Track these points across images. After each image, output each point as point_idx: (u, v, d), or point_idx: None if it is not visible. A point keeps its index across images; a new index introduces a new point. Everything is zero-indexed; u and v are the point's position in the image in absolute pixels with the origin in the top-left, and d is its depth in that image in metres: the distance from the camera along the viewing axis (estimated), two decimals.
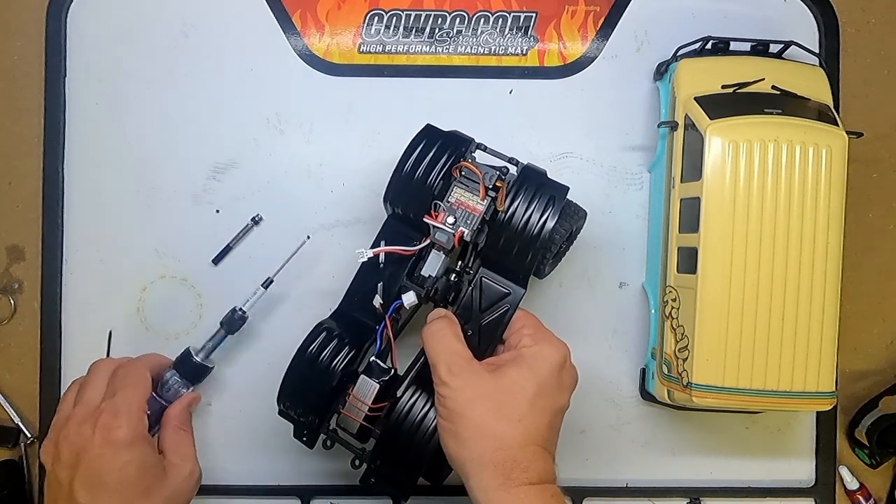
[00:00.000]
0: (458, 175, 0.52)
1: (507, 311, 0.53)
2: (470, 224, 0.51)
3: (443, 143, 0.52)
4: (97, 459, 0.48)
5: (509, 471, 0.45)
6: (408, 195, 0.52)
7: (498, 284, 0.53)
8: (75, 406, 0.51)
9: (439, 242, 0.51)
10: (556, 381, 0.49)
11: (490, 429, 0.46)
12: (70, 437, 0.49)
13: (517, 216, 0.51)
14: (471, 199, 0.51)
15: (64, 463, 0.49)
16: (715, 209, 0.51)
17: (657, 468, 0.63)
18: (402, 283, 0.52)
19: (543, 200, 0.51)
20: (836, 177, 0.51)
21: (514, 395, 0.47)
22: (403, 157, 0.52)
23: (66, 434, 0.49)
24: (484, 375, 0.48)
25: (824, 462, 0.63)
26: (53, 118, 0.61)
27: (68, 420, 0.50)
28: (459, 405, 0.47)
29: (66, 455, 0.49)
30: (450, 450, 0.48)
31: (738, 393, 0.52)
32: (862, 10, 0.65)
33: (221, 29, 0.62)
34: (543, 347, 0.50)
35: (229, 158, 0.62)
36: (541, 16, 0.62)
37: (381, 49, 0.62)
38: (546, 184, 0.52)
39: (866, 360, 0.65)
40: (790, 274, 0.51)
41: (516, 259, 0.52)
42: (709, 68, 0.56)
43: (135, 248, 0.61)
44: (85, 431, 0.49)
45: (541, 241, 0.51)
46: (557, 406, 0.49)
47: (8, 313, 0.63)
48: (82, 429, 0.49)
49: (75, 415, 0.50)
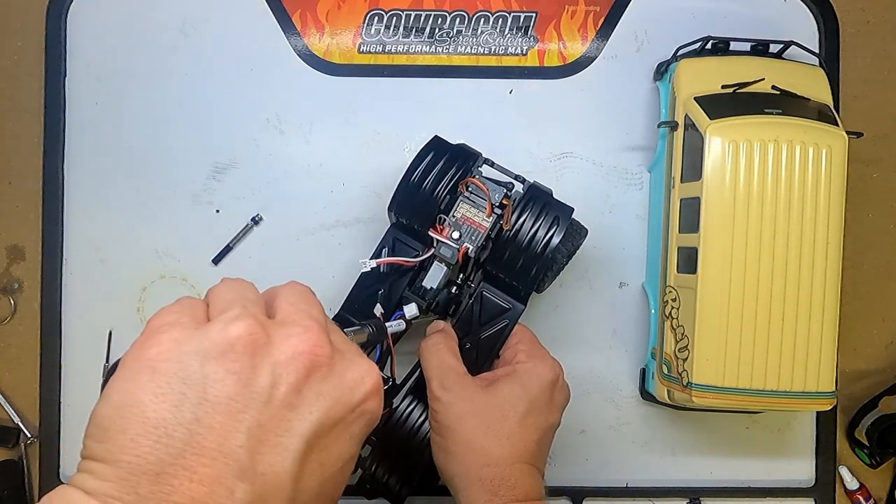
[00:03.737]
0: (464, 190, 0.52)
1: (506, 326, 0.53)
2: (475, 240, 0.51)
3: (450, 157, 0.53)
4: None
5: (496, 488, 0.46)
6: (413, 207, 0.52)
7: (498, 299, 0.54)
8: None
9: (443, 257, 0.51)
10: (548, 399, 0.50)
11: (478, 445, 0.47)
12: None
13: (523, 233, 0.51)
14: (476, 215, 0.51)
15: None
16: (715, 209, 0.51)
17: (657, 468, 0.63)
18: (404, 295, 0.52)
19: (549, 220, 0.51)
20: (836, 177, 0.51)
21: (503, 412, 0.48)
22: (411, 167, 0.53)
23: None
24: (476, 391, 0.49)
25: (824, 462, 0.63)
26: (53, 118, 0.61)
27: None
28: (450, 420, 0.48)
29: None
30: (440, 463, 0.49)
31: (738, 393, 0.52)
32: (862, 10, 0.65)
33: (221, 29, 0.62)
34: (537, 364, 0.50)
35: (229, 158, 0.62)
36: (541, 16, 0.62)
37: (381, 49, 0.62)
38: (552, 203, 0.52)
39: (866, 360, 0.65)
40: (790, 274, 0.51)
41: (519, 275, 0.52)
42: (709, 68, 0.56)
43: (135, 248, 0.61)
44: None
45: (544, 260, 0.51)
46: (547, 424, 0.50)
47: (8, 313, 0.63)
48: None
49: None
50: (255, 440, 0.29)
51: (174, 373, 0.29)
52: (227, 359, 0.30)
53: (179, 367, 0.29)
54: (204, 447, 0.28)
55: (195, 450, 0.28)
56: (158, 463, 0.27)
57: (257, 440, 0.29)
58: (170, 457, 0.28)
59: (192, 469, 0.28)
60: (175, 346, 0.30)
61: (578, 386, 0.62)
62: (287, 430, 0.30)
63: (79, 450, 0.30)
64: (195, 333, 0.30)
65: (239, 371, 0.29)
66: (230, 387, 0.29)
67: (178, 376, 0.29)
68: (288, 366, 0.31)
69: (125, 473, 0.27)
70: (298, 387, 0.31)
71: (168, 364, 0.29)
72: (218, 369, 0.29)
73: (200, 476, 0.28)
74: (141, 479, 0.27)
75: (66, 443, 0.61)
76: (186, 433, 0.28)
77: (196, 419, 0.28)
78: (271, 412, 0.30)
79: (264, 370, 0.30)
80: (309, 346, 0.31)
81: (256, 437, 0.29)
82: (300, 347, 0.31)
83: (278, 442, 0.30)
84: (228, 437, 0.29)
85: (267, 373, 0.30)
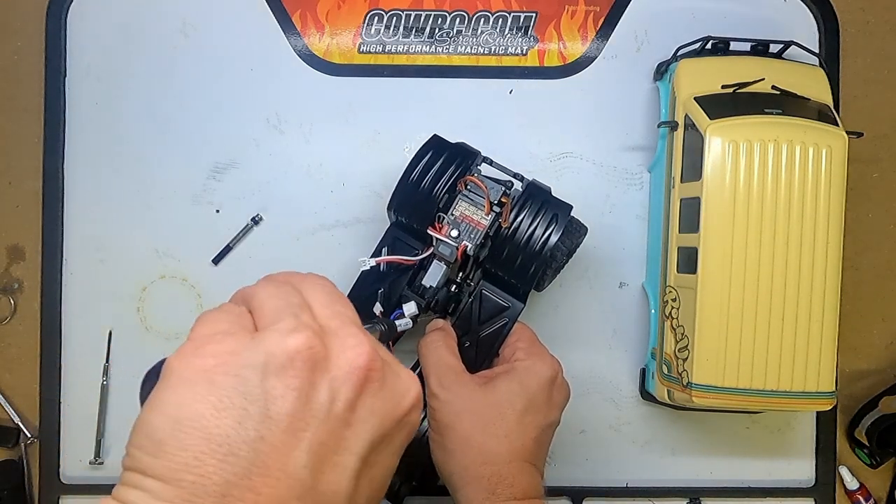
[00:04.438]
0: (463, 188, 0.52)
1: (505, 325, 0.53)
2: (473, 238, 0.51)
3: (449, 155, 0.53)
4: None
5: (494, 485, 0.46)
6: (412, 206, 0.53)
7: (498, 298, 0.54)
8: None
9: (442, 255, 0.51)
10: (546, 397, 0.50)
11: (476, 443, 0.47)
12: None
13: (521, 231, 0.51)
14: (475, 213, 0.51)
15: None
16: (715, 209, 0.51)
17: (657, 468, 0.63)
18: (404, 293, 0.52)
19: (548, 217, 0.51)
20: (836, 177, 0.51)
21: (502, 410, 0.48)
22: (410, 166, 0.53)
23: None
24: (474, 389, 0.49)
25: (824, 462, 0.63)
26: (53, 118, 0.61)
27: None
28: (448, 418, 0.48)
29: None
30: (438, 461, 0.49)
31: (738, 393, 0.52)
32: (862, 10, 0.65)
33: (221, 29, 0.62)
34: (535, 362, 0.50)
35: (229, 158, 0.62)
36: (541, 16, 0.62)
37: (381, 49, 0.62)
38: (551, 201, 0.53)
39: (866, 360, 0.65)
40: (790, 274, 0.51)
41: (518, 273, 0.52)
42: (709, 68, 0.56)
43: (135, 248, 0.61)
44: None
45: (543, 258, 0.51)
46: (546, 422, 0.50)
47: (8, 313, 0.63)
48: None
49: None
50: (316, 459, 0.28)
51: (233, 387, 0.28)
52: (286, 374, 0.28)
53: (238, 380, 0.28)
54: (269, 467, 0.27)
55: (260, 470, 0.27)
56: (224, 484, 0.26)
57: (319, 459, 0.28)
58: (235, 477, 0.26)
59: (258, 490, 0.27)
60: (232, 359, 0.28)
61: (578, 386, 0.62)
62: (345, 448, 0.29)
63: (80, 450, 0.29)
64: (251, 345, 0.29)
65: (299, 387, 0.28)
66: (291, 403, 0.28)
67: (238, 390, 0.28)
68: (345, 382, 0.29)
69: (188, 494, 0.26)
70: (353, 403, 0.29)
71: (226, 378, 0.28)
72: (277, 385, 0.28)
73: (266, 497, 0.27)
74: (206, 501, 0.26)
75: (66, 443, 0.60)
76: (251, 452, 0.27)
77: (260, 437, 0.27)
78: (329, 429, 0.29)
79: (323, 386, 0.29)
80: (365, 361, 0.30)
81: (318, 456, 0.28)
82: (357, 362, 0.30)
83: (337, 461, 0.29)
84: (291, 457, 0.27)
85: (325, 389, 0.29)
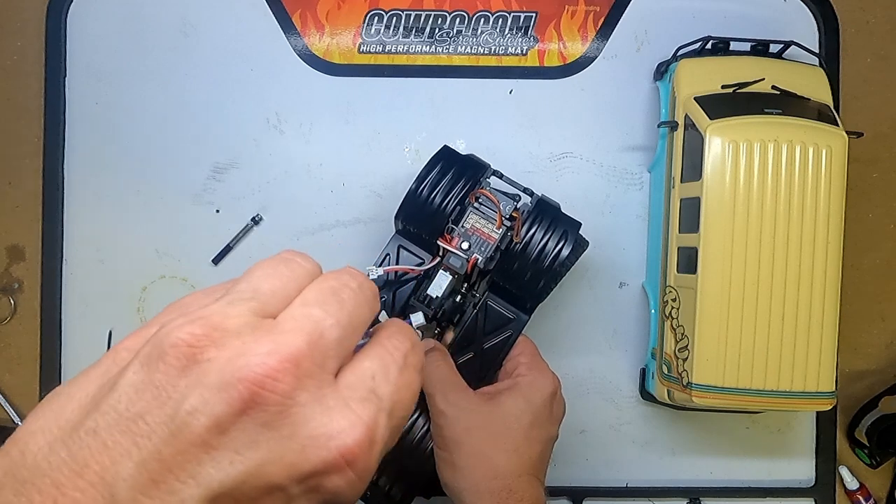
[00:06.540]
0: (474, 201, 0.52)
1: (509, 337, 0.53)
2: (484, 251, 0.51)
3: (460, 168, 0.53)
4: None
5: (505, 500, 0.46)
6: (422, 217, 0.52)
7: (503, 310, 0.54)
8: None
9: (452, 266, 0.51)
10: (548, 412, 0.50)
11: (486, 458, 0.47)
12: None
13: (532, 247, 0.51)
14: (486, 226, 0.52)
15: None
16: (715, 209, 0.51)
17: (657, 468, 0.63)
18: (410, 303, 0.52)
19: (558, 234, 0.52)
20: (836, 177, 0.51)
21: (508, 425, 0.48)
22: (419, 178, 0.53)
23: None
24: (480, 405, 0.49)
25: (824, 462, 0.63)
26: (53, 118, 0.61)
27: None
28: (457, 434, 0.48)
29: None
30: (446, 478, 0.48)
31: (738, 393, 0.52)
32: (862, 10, 0.65)
33: (221, 29, 0.62)
34: (537, 377, 0.51)
35: (229, 158, 0.62)
36: (541, 16, 0.62)
37: (381, 49, 0.62)
38: (561, 217, 0.53)
39: (866, 360, 0.65)
40: (790, 274, 0.51)
41: (526, 287, 0.52)
42: (709, 68, 0.56)
43: (135, 248, 0.61)
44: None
45: (552, 273, 0.52)
46: (548, 436, 0.50)
47: (8, 313, 0.63)
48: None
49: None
50: (145, 477, 0.22)
51: (105, 367, 0.24)
52: (154, 367, 0.23)
53: (111, 360, 0.24)
54: (88, 467, 0.22)
55: (77, 467, 0.22)
56: (34, 468, 0.22)
57: (149, 478, 0.22)
58: (48, 465, 0.22)
59: (63, 490, 0.22)
60: (138, 334, 0.25)
61: (578, 386, 0.62)
62: (191, 475, 0.22)
63: None
64: (149, 329, 0.25)
65: (161, 386, 0.23)
66: (145, 402, 0.22)
67: (102, 370, 0.24)
68: (219, 392, 0.22)
69: (7, 465, 0.22)
70: (223, 424, 0.22)
71: (107, 354, 0.24)
72: (139, 377, 0.23)
73: (66, 502, 0.22)
74: (6, 480, 0.22)
75: None
76: (76, 442, 0.22)
77: (93, 429, 0.22)
78: (178, 446, 0.22)
79: (191, 392, 0.23)
80: (260, 372, 0.23)
81: (149, 473, 0.22)
82: (244, 373, 0.23)
83: (174, 489, 0.22)
84: (117, 464, 0.22)
85: (193, 396, 0.23)
